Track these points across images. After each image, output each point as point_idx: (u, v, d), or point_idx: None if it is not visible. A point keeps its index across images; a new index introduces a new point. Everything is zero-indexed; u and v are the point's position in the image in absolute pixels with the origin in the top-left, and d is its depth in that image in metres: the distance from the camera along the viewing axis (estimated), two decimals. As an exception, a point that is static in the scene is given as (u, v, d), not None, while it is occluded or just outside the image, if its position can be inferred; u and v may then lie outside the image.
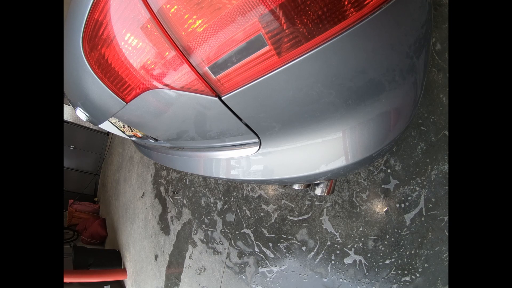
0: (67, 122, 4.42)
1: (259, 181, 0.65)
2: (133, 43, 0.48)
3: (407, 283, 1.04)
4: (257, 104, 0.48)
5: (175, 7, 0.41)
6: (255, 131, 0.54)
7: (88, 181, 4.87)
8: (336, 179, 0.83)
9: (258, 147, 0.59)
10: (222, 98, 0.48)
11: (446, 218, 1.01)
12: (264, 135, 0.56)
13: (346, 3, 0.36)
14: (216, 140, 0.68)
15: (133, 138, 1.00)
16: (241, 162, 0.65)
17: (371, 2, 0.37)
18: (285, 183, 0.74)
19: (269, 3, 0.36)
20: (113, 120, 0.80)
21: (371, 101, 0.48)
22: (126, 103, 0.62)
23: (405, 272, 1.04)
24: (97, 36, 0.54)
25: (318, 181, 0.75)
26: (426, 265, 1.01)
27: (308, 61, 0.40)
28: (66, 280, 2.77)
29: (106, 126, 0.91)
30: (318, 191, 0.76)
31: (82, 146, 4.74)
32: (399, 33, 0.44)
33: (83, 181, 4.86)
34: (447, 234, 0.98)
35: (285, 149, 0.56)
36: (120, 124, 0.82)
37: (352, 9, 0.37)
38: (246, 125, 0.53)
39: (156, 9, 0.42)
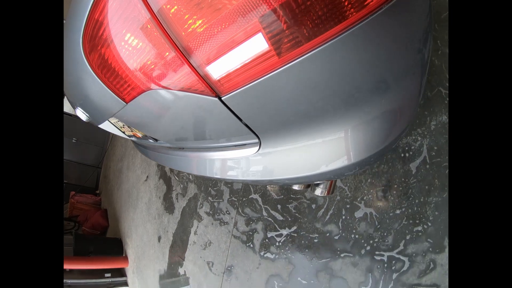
0: (70, 115, 4.36)
1: (259, 182, 0.65)
2: (133, 43, 0.48)
3: (420, 233, 1.03)
4: (257, 104, 0.48)
5: (175, 7, 0.41)
6: (255, 131, 0.54)
7: (90, 173, 4.86)
8: (335, 180, 0.83)
9: (258, 147, 0.59)
10: (222, 98, 0.48)
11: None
12: (264, 136, 0.56)
13: (346, 3, 0.36)
14: (216, 140, 0.68)
15: (133, 138, 1.00)
16: (241, 162, 0.65)
17: (371, 3, 0.37)
18: (285, 184, 0.74)
19: (269, 4, 0.36)
20: (113, 120, 0.80)
21: (371, 101, 0.48)
22: (126, 103, 0.62)
23: (417, 221, 1.03)
24: (97, 36, 0.54)
25: (318, 182, 0.75)
26: (436, 213, 1.01)
27: (308, 61, 0.40)
28: (66, 266, 2.72)
29: (106, 126, 0.91)
30: (318, 191, 0.76)
31: (84, 139, 4.71)
32: (399, 33, 0.44)
33: (85, 174, 4.84)
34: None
35: (285, 149, 0.56)
36: (120, 124, 0.82)
37: (352, 9, 0.37)
38: (246, 125, 0.53)
39: (156, 9, 0.42)
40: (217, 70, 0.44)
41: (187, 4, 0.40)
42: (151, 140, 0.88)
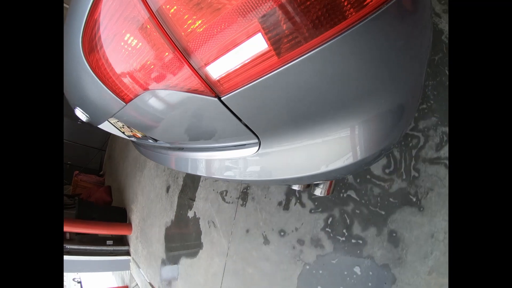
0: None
1: (259, 182, 0.65)
2: (133, 44, 0.48)
3: (426, 110, 1.05)
4: (256, 104, 0.48)
5: (175, 7, 0.41)
6: (254, 131, 0.54)
7: (94, 155, 4.90)
8: (335, 180, 0.83)
9: (257, 147, 0.59)
10: (222, 98, 0.48)
11: (437, 56, 1.03)
12: (263, 136, 0.56)
13: (346, 3, 0.36)
14: (215, 140, 0.68)
15: (133, 139, 1.00)
16: (241, 162, 0.65)
17: (371, 3, 0.37)
18: (284, 184, 0.74)
19: (269, 4, 0.36)
20: (113, 120, 0.80)
21: (371, 100, 0.48)
22: (126, 103, 0.62)
23: (420, 101, 1.05)
24: (97, 37, 0.54)
25: (318, 182, 0.75)
26: (435, 93, 1.04)
27: (308, 61, 0.40)
28: (67, 229, 2.64)
29: (105, 126, 0.91)
30: (318, 191, 0.76)
31: (90, 121, 4.75)
32: (399, 33, 0.44)
33: (89, 156, 4.88)
34: (444, 70, 1.01)
35: (284, 149, 0.56)
36: (120, 124, 0.82)
37: (351, 9, 0.37)
38: (246, 125, 0.53)
39: (155, 9, 0.42)
40: (216, 70, 0.44)
41: (187, 4, 0.40)
42: (150, 141, 0.88)
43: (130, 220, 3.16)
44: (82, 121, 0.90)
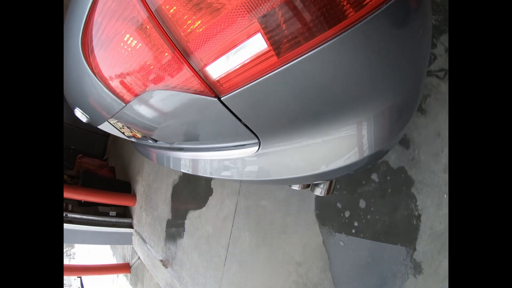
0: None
1: (259, 182, 0.65)
2: (132, 44, 0.48)
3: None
4: (256, 104, 0.48)
5: (174, 7, 0.41)
6: (254, 131, 0.54)
7: (98, 141, 4.90)
8: (335, 179, 0.83)
9: (257, 147, 0.59)
10: (222, 98, 0.48)
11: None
12: (263, 136, 0.56)
13: (345, 3, 0.36)
14: (215, 140, 0.68)
15: (133, 139, 1.00)
16: (240, 162, 0.65)
17: (370, 3, 0.37)
18: (284, 184, 0.74)
19: (269, 4, 0.36)
20: (113, 121, 0.80)
21: (371, 100, 0.48)
22: (126, 103, 0.62)
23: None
24: (96, 37, 0.54)
25: (318, 182, 0.75)
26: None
27: (307, 61, 0.40)
28: (69, 195, 2.58)
29: (105, 127, 0.91)
30: (318, 191, 0.76)
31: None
32: (399, 32, 0.44)
33: (93, 141, 4.87)
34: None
35: (284, 149, 0.56)
36: (120, 125, 0.82)
37: (351, 9, 0.37)
38: (246, 125, 0.53)
39: (154, 9, 0.42)
40: (216, 70, 0.44)
41: (186, 5, 0.40)
42: (150, 141, 0.88)
43: (135, 192, 3.16)
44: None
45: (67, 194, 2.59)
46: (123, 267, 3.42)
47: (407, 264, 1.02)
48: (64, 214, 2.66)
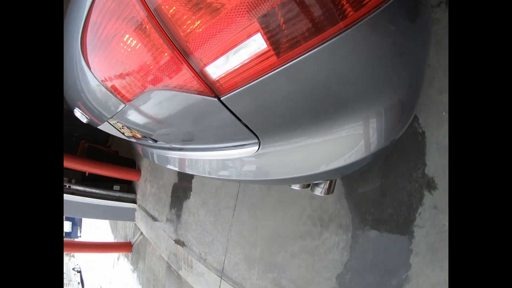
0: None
1: (258, 182, 0.65)
2: (132, 44, 0.48)
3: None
4: (256, 104, 0.48)
5: (174, 7, 0.41)
6: (254, 131, 0.54)
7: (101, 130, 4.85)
8: (335, 179, 0.83)
9: (257, 147, 0.59)
10: (221, 98, 0.48)
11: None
12: (263, 135, 0.56)
13: (344, 3, 0.36)
14: (215, 140, 0.68)
15: (132, 139, 1.00)
16: (241, 162, 0.65)
17: (370, 2, 0.37)
18: (284, 183, 0.74)
19: (268, 3, 0.36)
20: (113, 121, 0.80)
21: (371, 99, 0.48)
22: (126, 104, 0.62)
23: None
24: (96, 37, 0.54)
25: (318, 181, 0.75)
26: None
27: (307, 61, 0.40)
28: (73, 166, 2.50)
29: (105, 127, 0.91)
30: (318, 191, 0.75)
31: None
32: (399, 31, 0.44)
33: (96, 129, 4.80)
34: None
35: (284, 149, 0.56)
36: (120, 125, 0.82)
37: (351, 8, 0.37)
38: (245, 125, 0.53)
39: (154, 9, 0.42)
40: (216, 70, 0.44)
41: (186, 5, 0.40)
42: (150, 141, 0.88)
43: (139, 167, 3.12)
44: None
45: (71, 165, 2.50)
46: (125, 246, 3.42)
47: (419, 181, 1.01)
48: (67, 186, 2.61)
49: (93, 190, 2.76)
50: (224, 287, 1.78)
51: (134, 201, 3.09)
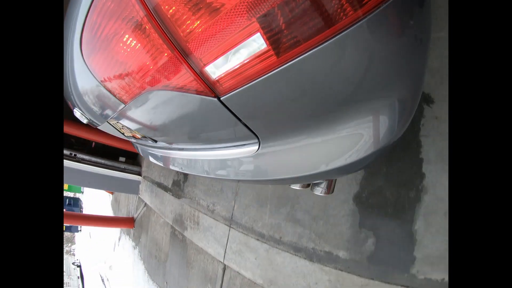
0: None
1: (258, 181, 0.65)
2: (131, 44, 0.48)
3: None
4: (256, 104, 0.48)
5: (174, 7, 0.41)
6: (254, 131, 0.54)
7: None
8: (336, 178, 0.83)
9: (257, 147, 0.59)
10: (221, 98, 0.48)
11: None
12: (263, 135, 0.56)
13: (344, 2, 0.36)
14: (215, 140, 0.68)
15: (132, 140, 1.00)
16: (240, 162, 0.65)
17: (369, 2, 0.37)
18: (284, 183, 0.74)
19: (268, 3, 0.36)
20: (112, 121, 0.80)
21: (371, 98, 0.48)
22: (125, 104, 0.62)
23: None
24: (95, 38, 0.54)
25: (318, 181, 0.75)
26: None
27: (307, 60, 0.40)
28: (76, 133, 2.45)
29: (105, 127, 0.91)
30: (318, 190, 0.75)
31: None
32: (398, 30, 0.44)
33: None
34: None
35: (284, 148, 0.56)
36: (119, 125, 0.82)
37: (350, 8, 0.37)
38: (245, 125, 0.53)
39: (153, 8, 0.42)
40: (216, 70, 0.44)
41: (186, 5, 0.40)
42: (150, 141, 0.88)
43: None
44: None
45: (78, 133, 2.46)
46: (127, 221, 3.42)
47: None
48: (73, 154, 2.58)
49: (99, 160, 2.74)
50: (233, 235, 1.74)
51: (139, 174, 3.07)
